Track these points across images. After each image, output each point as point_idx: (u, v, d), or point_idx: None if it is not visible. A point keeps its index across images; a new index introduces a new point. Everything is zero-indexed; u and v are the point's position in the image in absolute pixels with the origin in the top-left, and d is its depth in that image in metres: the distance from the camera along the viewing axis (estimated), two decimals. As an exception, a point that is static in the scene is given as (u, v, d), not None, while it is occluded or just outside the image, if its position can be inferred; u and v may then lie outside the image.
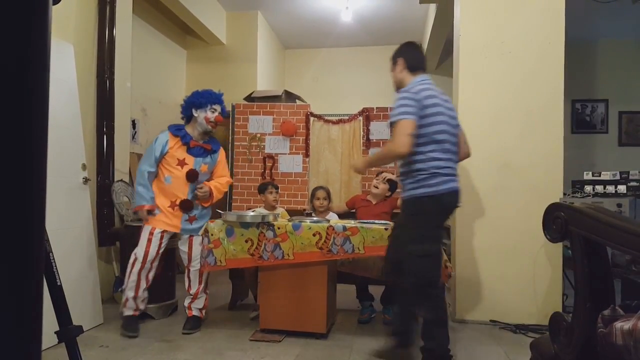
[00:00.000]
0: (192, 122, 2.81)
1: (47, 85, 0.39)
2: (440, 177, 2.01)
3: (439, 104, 2.06)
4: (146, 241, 2.67)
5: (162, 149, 2.72)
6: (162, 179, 2.74)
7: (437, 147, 2.03)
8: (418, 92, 2.04)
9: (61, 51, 2.75)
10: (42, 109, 0.38)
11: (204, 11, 4.93)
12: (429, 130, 2.02)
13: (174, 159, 2.73)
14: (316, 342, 2.54)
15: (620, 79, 5.76)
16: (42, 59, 0.38)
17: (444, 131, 2.05)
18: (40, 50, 0.38)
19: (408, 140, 1.96)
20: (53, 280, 1.14)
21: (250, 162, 4.75)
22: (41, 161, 0.37)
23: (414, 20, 5.62)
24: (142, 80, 4.52)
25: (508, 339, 2.71)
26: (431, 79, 2.20)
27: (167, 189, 2.73)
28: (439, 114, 2.04)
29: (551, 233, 1.07)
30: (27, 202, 0.36)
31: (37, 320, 0.38)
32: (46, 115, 0.39)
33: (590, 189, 2.92)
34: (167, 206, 2.72)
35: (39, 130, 0.38)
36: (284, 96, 4.85)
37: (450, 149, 2.08)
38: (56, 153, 2.55)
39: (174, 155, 2.73)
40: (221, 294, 3.60)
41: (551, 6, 3.03)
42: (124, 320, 2.68)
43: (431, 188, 2.00)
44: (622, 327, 0.90)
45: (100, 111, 3.35)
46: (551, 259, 2.96)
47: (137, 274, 2.67)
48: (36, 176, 0.37)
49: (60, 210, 2.56)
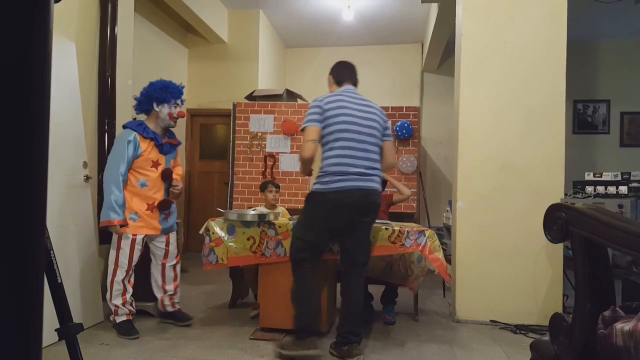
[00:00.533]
0: (151, 117, 2.70)
1: (48, 83, 0.39)
2: (331, 177, 2.23)
3: (345, 109, 2.26)
4: (129, 250, 2.60)
5: (135, 151, 2.58)
6: (134, 183, 2.61)
7: (335, 150, 2.24)
8: (323, 100, 2.30)
9: (63, 49, 2.76)
10: (43, 107, 0.38)
11: (205, 9, 4.93)
12: (329, 134, 2.26)
13: (148, 161, 2.63)
14: (319, 341, 2.54)
15: (622, 79, 5.75)
16: (43, 57, 0.38)
17: (345, 137, 2.25)
18: (42, 48, 0.38)
19: (310, 145, 2.23)
20: (54, 278, 1.14)
21: (251, 161, 4.75)
22: (42, 158, 0.37)
23: (415, 20, 5.61)
24: (144, 78, 4.50)
25: (508, 339, 2.71)
26: (355, 89, 2.41)
27: (142, 193, 2.62)
28: (341, 119, 2.24)
29: (552, 233, 1.07)
30: (27, 200, 0.36)
31: (37, 318, 0.39)
32: (47, 113, 0.39)
33: (592, 189, 2.91)
34: (144, 210, 2.63)
35: (39, 128, 0.38)
36: (285, 95, 4.85)
37: (353, 154, 2.25)
38: (57, 151, 2.56)
39: (148, 157, 2.63)
40: (221, 292, 3.61)
41: (553, 6, 3.02)
42: (119, 327, 2.60)
43: (322, 185, 2.26)
44: (622, 329, 0.90)
45: (102, 109, 3.35)
46: (552, 260, 2.96)
47: (121, 282, 2.62)
48: (36, 173, 0.37)
49: (61, 208, 2.57)
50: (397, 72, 6.43)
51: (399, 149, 4.64)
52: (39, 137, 0.38)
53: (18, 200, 0.35)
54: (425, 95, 6.40)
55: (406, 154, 4.65)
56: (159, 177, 2.68)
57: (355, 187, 2.23)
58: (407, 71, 6.43)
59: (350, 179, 2.23)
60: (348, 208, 2.25)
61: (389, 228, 2.60)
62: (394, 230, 2.58)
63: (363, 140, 2.29)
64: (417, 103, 6.13)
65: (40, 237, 0.39)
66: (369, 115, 2.34)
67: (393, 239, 2.58)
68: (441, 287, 3.81)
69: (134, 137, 2.60)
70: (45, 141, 0.39)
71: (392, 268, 2.93)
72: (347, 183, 2.23)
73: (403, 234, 2.57)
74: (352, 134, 2.26)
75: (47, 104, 0.39)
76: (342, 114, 2.26)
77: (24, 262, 0.36)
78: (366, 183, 2.26)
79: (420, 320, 3.04)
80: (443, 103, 6.08)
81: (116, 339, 2.54)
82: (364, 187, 2.25)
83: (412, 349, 2.50)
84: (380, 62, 6.46)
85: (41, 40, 0.38)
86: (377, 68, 6.43)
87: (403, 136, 4.60)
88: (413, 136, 4.64)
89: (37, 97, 0.38)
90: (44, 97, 0.39)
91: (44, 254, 0.40)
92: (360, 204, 2.26)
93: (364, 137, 2.29)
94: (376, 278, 2.96)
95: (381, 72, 6.43)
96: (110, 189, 2.53)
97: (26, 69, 0.37)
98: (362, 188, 2.25)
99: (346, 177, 2.23)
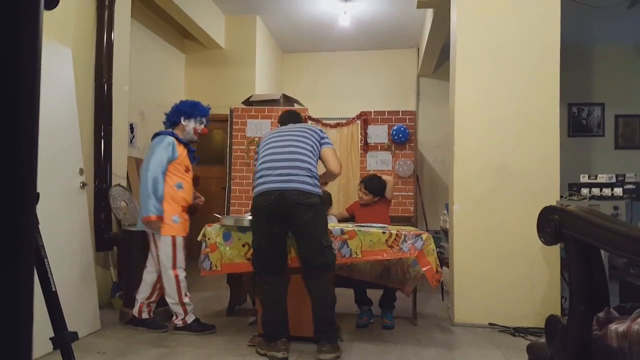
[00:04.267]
0: (178, 130, 2.88)
1: (37, 89, 0.39)
2: (256, 185, 2.47)
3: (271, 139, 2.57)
4: (181, 255, 2.73)
5: (173, 154, 2.74)
6: (172, 185, 2.74)
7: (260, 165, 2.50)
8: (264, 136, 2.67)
9: (59, 55, 2.76)
10: (32, 113, 0.38)
11: (202, 15, 4.95)
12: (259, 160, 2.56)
13: (183, 165, 2.79)
14: (314, 347, 2.53)
15: (616, 82, 5.79)
16: (32, 62, 0.38)
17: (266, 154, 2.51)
18: (31, 53, 0.38)
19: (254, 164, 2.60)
20: (48, 286, 1.14)
21: (249, 166, 4.75)
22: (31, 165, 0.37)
23: (411, 25, 5.65)
24: (141, 84, 4.52)
25: (507, 342, 2.71)
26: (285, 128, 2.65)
27: (178, 195, 2.76)
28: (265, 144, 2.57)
29: (545, 236, 1.07)
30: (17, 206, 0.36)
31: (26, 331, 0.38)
32: (36, 119, 0.39)
33: (587, 191, 2.93)
34: (180, 212, 2.78)
35: (28, 133, 0.38)
36: (282, 100, 4.86)
37: (272, 162, 2.46)
38: (53, 157, 2.55)
39: (183, 162, 2.79)
40: (219, 299, 3.59)
41: (546, 11, 3.05)
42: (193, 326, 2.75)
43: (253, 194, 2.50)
44: (616, 330, 0.90)
45: (98, 115, 3.35)
46: (549, 262, 2.97)
47: (185, 279, 2.75)
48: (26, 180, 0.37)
49: (57, 214, 2.56)
50: (393, 77, 6.46)
51: (396, 152, 4.65)
52: (27, 142, 0.38)
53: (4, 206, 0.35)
54: (421, 99, 6.43)
55: (403, 157, 4.66)
56: (191, 182, 2.85)
57: (273, 189, 2.37)
58: (403, 76, 6.46)
59: (268, 182, 2.40)
60: (270, 208, 2.37)
61: (385, 232, 2.60)
62: (391, 233, 2.58)
63: (282, 151, 2.46)
64: (413, 107, 6.15)
65: (29, 246, 0.39)
66: (294, 131, 2.55)
67: (390, 243, 2.58)
68: (440, 290, 3.80)
69: (172, 141, 2.76)
70: (34, 145, 0.39)
71: (390, 271, 2.92)
72: (265, 186, 2.40)
73: (400, 238, 2.57)
74: (272, 149, 2.49)
75: (36, 110, 0.39)
76: (266, 142, 2.56)
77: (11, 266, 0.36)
78: (285, 184, 2.37)
79: (419, 324, 3.03)
80: (439, 106, 6.10)
81: (113, 348, 2.52)
82: (282, 188, 2.36)
83: (411, 353, 2.49)
84: (377, 67, 6.49)
85: (30, 45, 0.38)
86: (373, 73, 6.46)
87: (400, 140, 4.62)
88: (410, 140, 4.65)
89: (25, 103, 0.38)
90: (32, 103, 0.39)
91: (33, 262, 0.40)
92: (281, 204, 2.35)
93: (284, 149, 2.47)
94: (374, 282, 2.95)
95: (377, 77, 6.46)
96: (153, 186, 2.64)
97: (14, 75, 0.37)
98: (280, 189, 2.36)
99: (265, 180, 2.41)
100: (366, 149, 4.68)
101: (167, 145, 2.71)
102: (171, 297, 2.73)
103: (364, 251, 2.57)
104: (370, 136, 4.68)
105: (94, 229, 3.23)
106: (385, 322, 2.97)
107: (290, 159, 2.43)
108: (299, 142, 2.51)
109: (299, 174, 2.40)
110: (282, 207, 2.36)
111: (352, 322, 3.04)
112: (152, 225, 2.66)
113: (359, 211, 3.36)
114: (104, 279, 3.35)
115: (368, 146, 4.68)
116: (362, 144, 4.66)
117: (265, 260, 2.45)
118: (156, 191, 2.64)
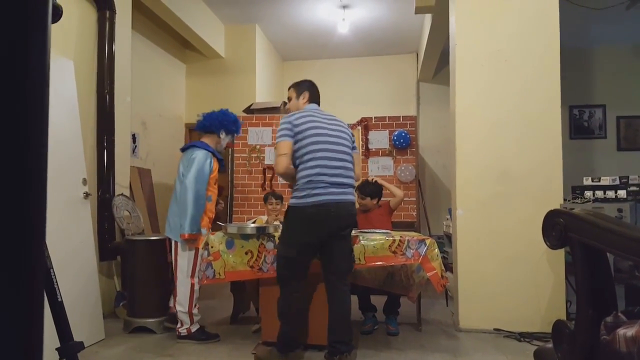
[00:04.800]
0: (211, 139, 2.93)
1: (46, 101, 0.40)
2: (308, 190, 2.24)
3: (315, 124, 2.32)
4: (199, 265, 2.76)
5: (211, 169, 2.83)
6: None
7: (310, 162, 2.26)
8: (292, 116, 2.37)
9: (62, 67, 2.78)
10: (41, 125, 0.38)
11: (202, 25, 4.99)
12: (302, 148, 2.29)
13: (214, 179, 2.89)
14: (319, 354, 2.52)
15: (617, 84, 5.80)
16: (41, 75, 0.39)
17: (318, 149, 2.28)
18: (40, 67, 0.39)
19: (282, 159, 2.27)
20: (54, 297, 1.14)
21: (250, 174, 4.75)
22: (41, 175, 0.38)
23: (410, 31, 5.68)
24: (142, 94, 4.55)
25: (512, 347, 2.68)
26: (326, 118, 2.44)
27: (208, 207, 2.86)
28: (313, 132, 2.30)
29: (551, 240, 1.07)
30: (27, 217, 0.37)
31: (37, 338, 0.38)
32: (46, 131, 0.39)
33: (590, 194, 2.92)
34: (207, 224, 2.87)
35: (38, 145, 0.38)
36: (282, 107, 4.88)
37: (327, 165, 2.28)
38: (57, 168, 2.56)
39: (215, 177, 2.90)
40: (223, 307, 3.58)
41: (545, 14, 3.06)
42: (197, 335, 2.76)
43: (298, 200, 2.26)
44: (625, 334, 0.89)
45: (101, 126, 3.37)
46: (553, 265, 2.95)
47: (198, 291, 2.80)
48: (36, 191, 0.38)
49: (61, 225, 2.56)
50: (393, 83, 6.48)
51: (397, 157, 4.65)
52: (37, 153, 0.39)
53: (17, 217, 0.36)
54: (422, 104, 6.44)
55: (404, 163, 4.66)
56: (216, 193, 2.95)
57: (333, 201, 2.26)
58: (403, 81, 6.47)
59: (326, 193, 2.25)
60: (327, 222, 2.26)
61: (389, 237, 2.59)
62: (395, 239, 2.58)
63: (335, 150, 2.33)
64: (414, 112, 6.16)
65: (40, 255, 0.40)
66: (338, 128, 2.41)
67: (394, 249, 2.57)
68: (444, 296, 3.78)
69: (211, 157, 2.86)
70: (44, 157, 0.39)
71: (394, 277, 2.91)
72: (324, 197, 2.24)
73: (403, 243, 2.57)
74: (325, 145, 2.31)
75: (46, 122, 0.40)
76: (313, 127, 2.32)
77: (24, 280, 0.36)
78: (342, 196, 2.30)
79: (423, 330, 3.01)
80: (440, 111, 6.11)
81: (117, 357, 2.51)
82: (341, 200, 2.28)
83: (416, 359, 2.48)
84: (376, 73, 6.51)
85: (39, 59, 0.38)
86: (373, 79, 6.48)
87: (401, 145, 4.62)
88: (411, 145, 4.65)
89: (34, 114, 0.38)
90: (42, 115, 0.39)
91: (43, 272, 0.41)
92: (338, 218, 2.28)
93: (336, 147, 2.34)
94: (378, 288, 2.94)
95: (377, 83, 6.48)
96: (197, 204, 2.73)
97: (24, 87, 0.37)
98: (339, 201, 2.27)
99: (322, 191, 2.24)
100: (367, 155, 4.68)
101: (209, 163, 2.81)
102: (182, 305, 2.75)
103: (367, 257, 2.56)
104: (372, 142, 4.68)
105: (98, 238, 3.24)
106: (389, 328, 2.95)
107: (343, 167, 2.33)
108: (343, 139, 2.40)
109: (351, 184, 2.37)
110: (336, 219, 2.28)
111: (356, 329, 3.02)
112: (194, 243, 2.75)
113: (360, 217, 3.35)
114: (107, 288, 3.35)
115: (369, 152, 4.68)
116: (363, 149, 4.66)
117: (298, 269, 2.33)
118: (199, 209, 2.74)
